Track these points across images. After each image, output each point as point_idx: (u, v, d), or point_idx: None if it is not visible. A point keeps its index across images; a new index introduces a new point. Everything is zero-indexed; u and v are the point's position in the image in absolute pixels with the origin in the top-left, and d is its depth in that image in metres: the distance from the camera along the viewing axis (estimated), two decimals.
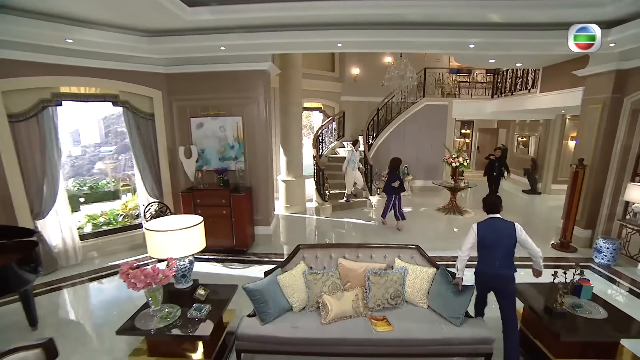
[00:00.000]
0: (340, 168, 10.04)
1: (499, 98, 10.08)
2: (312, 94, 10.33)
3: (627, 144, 5.79)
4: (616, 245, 5.57)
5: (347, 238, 6.90)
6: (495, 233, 3.16)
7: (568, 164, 10.67)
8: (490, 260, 3.16)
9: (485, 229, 3.17)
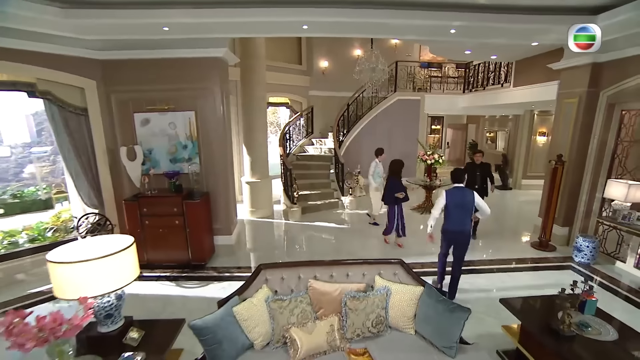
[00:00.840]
0: (309, 167, 9.54)
1: (470, 93, 9.94)
2: (278, 88, 9.69)
3: (603, 139, 5.68)
4: (595, 243, 5.44)
5: (318, 245, 6.37)
6: (459, 198, 4.11)
7: (537, 159, 10.83)
8: (455, 219, 4.15)
9: (452, 195, 4.14)
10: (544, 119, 10.53)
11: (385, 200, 6.00)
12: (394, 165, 5.91)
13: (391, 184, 5.86)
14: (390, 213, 5.93)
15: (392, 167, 5.92)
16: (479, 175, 6.19)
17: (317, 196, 8.64)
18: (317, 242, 6.51)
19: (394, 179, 5.85)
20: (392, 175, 5.90)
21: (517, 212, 8.70)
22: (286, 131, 9.47)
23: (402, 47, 11.32)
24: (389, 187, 5.88)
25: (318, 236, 6.82)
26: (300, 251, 6.02)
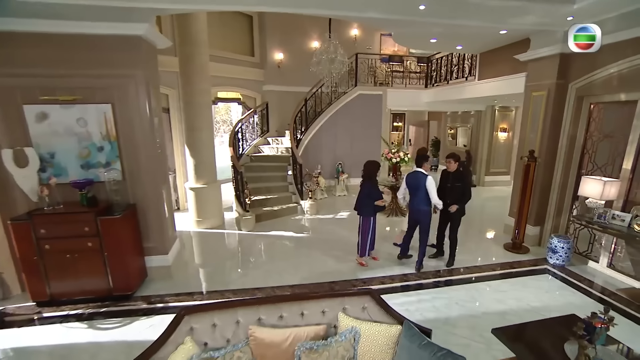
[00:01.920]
0: (265, 168, 8.75)
1: (433, 87, 9.66)
2: (229, 81, 8.78)
3: (572, 133, 5.46)
4: (570, 243, 5.19)
5: (274, 261, 5.61)
6: (415, 181, 4.82)
7: (499, 155, 10.85)
8: (413, 200, 4.93)
9: (410, 178, 4.90)
10: (504, 115, 10.55)
11: (360, 211, 5.10)
12: (369, 167, 5.07)
13: (367, 191, 5.01)
14: (365, 227, 5.12)
15: (367, 170, 5.06)
16: (450, 188, 5.01)
17: (274, 201, 7.88)
18: (272, 257, 5.75)
19: (370, 183, 5.05)
20: (367, 179, 5.07)
21: (485, 210, 8.49)
22: (238, 129, 8.61)
23: (362, 39, 10.83)
24: (364, 194, 5.03)
25: (274, 249, 6.05)
26: (252, 270, 5.23)
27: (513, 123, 10.60)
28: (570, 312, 4.02)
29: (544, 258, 5.47)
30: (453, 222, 5.15)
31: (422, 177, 4.72)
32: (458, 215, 5.11)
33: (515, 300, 4.27)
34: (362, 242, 5.19)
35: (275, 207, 7.76)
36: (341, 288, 4.58)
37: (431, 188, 4.71)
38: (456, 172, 5.02)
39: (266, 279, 4.79)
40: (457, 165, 5.01)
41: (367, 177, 5.04)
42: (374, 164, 5.06)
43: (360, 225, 5.15)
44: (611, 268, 5.00)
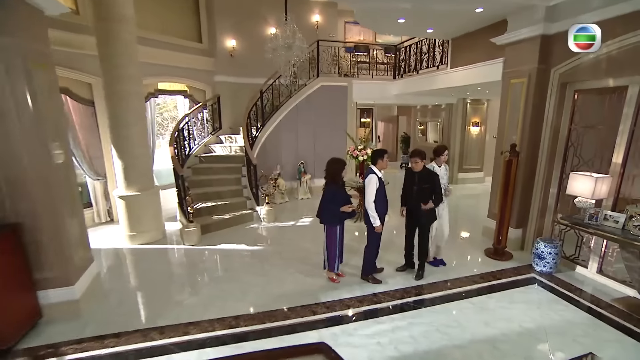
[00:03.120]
0: (216, 170, 7.83)
1: (402, 78, 9.14)
2: (172, 71, 7.75)
3: (556, 125, 5.04)
4: (557, 248, 4.74)
5: (219, 284, 4.75)
6: (365, 180, 4.33)
7: (472, 151, 10.54)
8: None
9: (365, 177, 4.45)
10: (476, 108, 10.25)
11: (324, 219, 4.40)
12: (332, 166, 4.29)
13: (330, 195, 4.29)
14: (332, 237, 4.40)
15: (330, 170, 4.29)
16: (417, 191, 4.38)
17: (225, 208, 7.01)
18: (217, 277, 4.88)
19: (334, 186, 4.30)
20: (331, 181, 4.31)
21: (460, 209, 8.02)
22: (183, 126, 7.61)
23: (324, 27, 10.12)
24: (327, 199, 4.29)
25: (220, 267, 5.19)
26: (189, 298, 4.34)
27: (485, 117, 10.33)
28: (568, 331, 3.57)
29: (529, 265, 5.01)
30: (422, 228, 4.57)
31: (368, 173, 4.28)
32: (427, 221, 4.52)
33: (505, 322, 3.71)
34: (329, 256, 4.46)
35: (226, 214, 6.89)
36: (298, 315, 3.84)
37: (368, 188, 4.19)
38: (423, 172, 4.42)
39: (205, 309, 3.95)
40: (423, 164, 4.41)
41: (331, 179, 4.31)
42: (337, 162, 4.33)
43: (325, 236, 4.42)
44: (601, 274, 4.60)
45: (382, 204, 4.28)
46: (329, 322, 3.72)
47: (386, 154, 4.37)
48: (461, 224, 6.94)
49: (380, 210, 4.26)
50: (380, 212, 4.25)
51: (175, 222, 6.76)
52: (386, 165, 4.34)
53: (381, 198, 4.26)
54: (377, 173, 4.25)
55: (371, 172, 4.27)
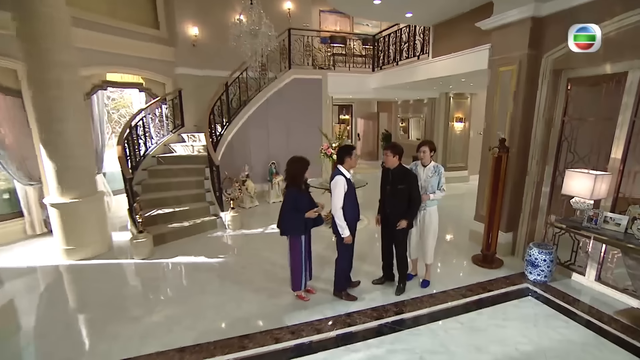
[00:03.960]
0: (176, 172, 7.19)
1: (381, 70, 8.71)
2: (123, 60, 7.05)
3: (548, 117, 4.68)
4: (553, 254, 4.36)
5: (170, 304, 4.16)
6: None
7: (456, 148, 10.21)
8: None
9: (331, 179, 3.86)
10: (459, 103, 9.95)
11: (285, 229, 3.82)
12: (292, 167, 3.75)
13: (292, 200, 3.74)
14: (296, 250, 3.85)
15: (291, 171, 3.76)
16: (390, 192, 3.94)
17: (184, 215, 6.39)
18: (167, 298, 4.27)
19: (296, 190, 3.76)
20: (292, 184, 3.77)
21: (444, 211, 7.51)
22: (137, 123, 6.93)
23: (297, 16, 9.59)
24: (289, 206, 3.74)
25: (172, 285, 4.58)
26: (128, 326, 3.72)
27: (469, 112, 10.03)
28: (571, 353, 3.14)
29: (521, 273, 4.64)
30: (397, 238, 4.07)
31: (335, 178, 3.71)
32: (405, 230, 4.03)
33: (499, 344, 3.27)
34: (294, 273, 3.92)
35: (185, 222, 6.27)
36: (257, 344, 3.29)
37: (335, 192, 3.67)
38: (398, 170, 3.91)
39: (144, 342, 3.34)
40: (398, 160, 3.89)
41: (291, 181, 3.76)
42: (298, 161, 3.77)
43: (289, 248, 3.88)
44: (600, 282, 4.24)
45: (352, 210, 3.79)
46: (293, 352, 3.20)
47: (354, 150, 3.84)
48: (446, 229, 6.52)
49: (350, 217, 3.77)
50: (350, 219, 3.75)
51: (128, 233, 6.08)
52: (355, 163, 3.83)
53: (351, 203, 3.77)
54: (344, 174, 3.73)
55: (338, 172, 3.72)
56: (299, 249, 3.86)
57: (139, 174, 6.83)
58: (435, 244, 4.30)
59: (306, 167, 3.79)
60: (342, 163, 3.77)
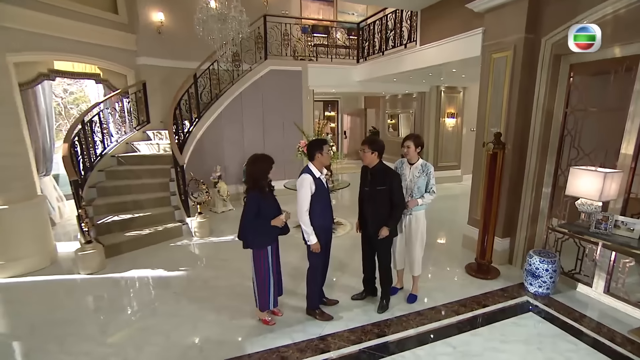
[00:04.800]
0: (138, 174, 6.67)
1: (366, 61, 8.29)
2: (74, 47, 6.41)
3: (549, 108, 4.30)
4: (556, 263, 3.96)
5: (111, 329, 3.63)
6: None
7: (447, 146, 9.86)
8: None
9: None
10: (451, 97, 9.62)
11: (248, 240, 3.30)
12: (252, 167, 3.25)
13: (254, 206, 3.21)
14: (261, 264, 3.34)
15: (252, 172, 3.25)
16: (369, 194, 3.53)
17: (145, 221, 5.89)
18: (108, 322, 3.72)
19: (259, 194, 3.24)
20: (253, 187, 3.23)
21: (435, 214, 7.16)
22: (91, 119, 6.37)
23: (275, 2, 9.11)
24: (250, 213, 3.21)
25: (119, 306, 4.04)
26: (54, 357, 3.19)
27: (462, 107, 9.71)
28: None
29: (520, 284, 4.26)
30: (380, 248, 3.65)
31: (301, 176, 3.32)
32: (387, 239, 3.58)
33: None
34: (259, 290, 3.44)
35: (146, 229, 5.75)
36: None
37: (300, 193, 3.26)
38: (378, 169, 3.49)
39: None
40: (377, 157, 3.47)
41: (253, 185, 3.27)
42: (260, 160, 3.28)
43: (253, 262, 3.40)
44: (610, 294, 3.86)
45: (322, 215, 3.37)
46: None
47: (326, 144, 3.40)
48: (437, 234, 6.11)
49: (321, 222, 3.35)
50: (319, 225, 3.34)
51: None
52: (328, 160, 3.39)
53: (321, 206, 3.34)
54: (313, 172, 3.30)
55: (305, 171, 3.30)
56: (266, 262, 3.38)
57: (94, 175, 6.29)
58: (422, 253, 3.88)
59: (269, 166, 3.31)
60: (313, 159, 3.35)
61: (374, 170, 3.49)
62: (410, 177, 3.67)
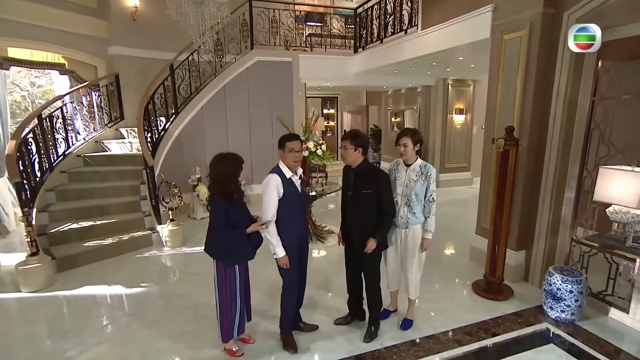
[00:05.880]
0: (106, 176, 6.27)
1: (364, 51, 7.82)
2: (33, 32, 5.98)
3: (572, 97, 3.80)
4: (582, 283, 3.43)
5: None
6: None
7: (456, 146, 9.33)
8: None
9: None
10: (460, 91, 9.13)
11: (217, 252, 2.89)
12: (217, 167, 2.79)
13: (221, 213, 2.77)
14: (226, 282, 2.89)
15: (215, 173, 2.79)
16: (352, 199, 3.08)
17: (110, 229, 5.49)
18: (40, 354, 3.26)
19: (225, 200, 2.76)
20: (219, 192, 2.76)
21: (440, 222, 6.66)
22: (53, 114, 5.96)
23: None
24: (217, 223, 2.81)
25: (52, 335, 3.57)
26: None
27: (471, 102, 9.20)
28: None
29: (538, 307, 3.73)
30: (367, 264, 3.18)
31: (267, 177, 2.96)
32: (375, 253, 3.08)
33: None
34: (220, 316, 2.96)
35: (108, 238, 5.31)
36: None
37: (264, 196, 2.85)
38: (363, 169, 3.04)
39: None
40: (361, 155, 3.01)
41: (219, 189, 2.77)
42: (227, 161, 2.81)
43: (216, 280, 2.92)
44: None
45: (292, 223, 2.95)
46: None
47: (292, 141, 2.92)
48: (442, 244, 5.59)
49: (291, 232, 2.94)
50: (288, 234, 2.92)
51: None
52: (292, 161, 2.91)
53: (291, 212, 2.91)
54: (283, 172, 2.86)
55: (274, 170, 2.89)
56: (232, 282, 2.90)
57: (54, 177, 5.87)
58: (421, 273, 3.37)
59: (238, 167, 2.83)
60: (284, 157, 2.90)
61: (358, 171, 3.03)
62: (407, 181, 3.15)
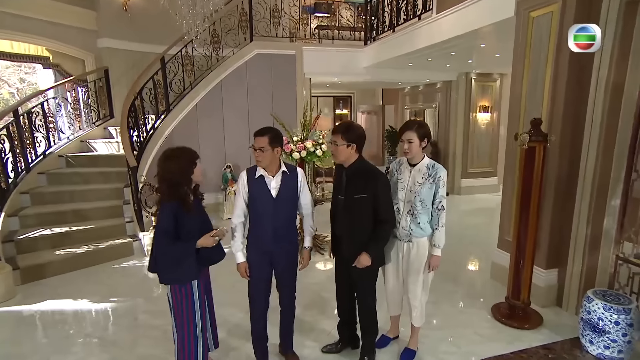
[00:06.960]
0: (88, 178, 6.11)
1: (375, 42, 7.46)
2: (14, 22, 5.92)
3: (616, 82, 3.33)
4: (632, 312, 2.90)
5: None
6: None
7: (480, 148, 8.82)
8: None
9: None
10: (484, 87, 8.66)
11: (163, 273, 2.47)
12: (168, 166, 2.36)
13: (170, 221, 2.35)
14: (183, 305, 2.48)
15: (164, 173, 2.37)
16: (343, 204, 2.71)
17: (84, 236, 5.29)
18: None
19: (177, 205, 2.36)
20: (170, 194, 2.37)
21: (460, 234, 6.18)
22: (32, 109, 5.82)
23: None
24: (164, 234, 2.36)
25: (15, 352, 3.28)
26: None
27: (498, 99, 8.68)
28: None
29: (574, 340, 3.21)
30: (359, 283, 2.82)
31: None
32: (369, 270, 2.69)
33: None
34: (178, 344, 2.55)
35: (83, 247, 5.10)
36: None
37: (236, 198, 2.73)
38: (356, 169, 2.67)
39: None
40: (355, 152, 2.66)
41: (168, 192, 2.38)
42: (178, 157, 2.40)
43: (171, 304, 2.52)
44: None
45: (259, 227, 2.65)
46: None
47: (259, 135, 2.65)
48: (459, 260, 5.10)
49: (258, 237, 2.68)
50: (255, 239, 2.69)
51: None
52: (260, 157, 2.58)
53: (259, 214, 2.63)
54: (256, 171, 2.67)
55: (249, 168, 2.74)
56: (189, 304, 2.50)
57: (31, 179, 5.72)
58: (427, 297, 2.93)
59: (191, 164, 2.44)
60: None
61: (351, 171, 2.65)
62: (411, 185, 2.73)
